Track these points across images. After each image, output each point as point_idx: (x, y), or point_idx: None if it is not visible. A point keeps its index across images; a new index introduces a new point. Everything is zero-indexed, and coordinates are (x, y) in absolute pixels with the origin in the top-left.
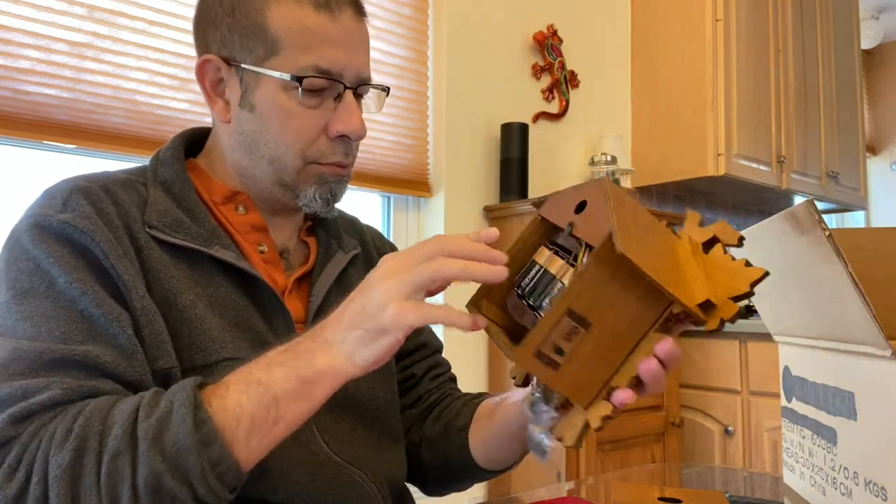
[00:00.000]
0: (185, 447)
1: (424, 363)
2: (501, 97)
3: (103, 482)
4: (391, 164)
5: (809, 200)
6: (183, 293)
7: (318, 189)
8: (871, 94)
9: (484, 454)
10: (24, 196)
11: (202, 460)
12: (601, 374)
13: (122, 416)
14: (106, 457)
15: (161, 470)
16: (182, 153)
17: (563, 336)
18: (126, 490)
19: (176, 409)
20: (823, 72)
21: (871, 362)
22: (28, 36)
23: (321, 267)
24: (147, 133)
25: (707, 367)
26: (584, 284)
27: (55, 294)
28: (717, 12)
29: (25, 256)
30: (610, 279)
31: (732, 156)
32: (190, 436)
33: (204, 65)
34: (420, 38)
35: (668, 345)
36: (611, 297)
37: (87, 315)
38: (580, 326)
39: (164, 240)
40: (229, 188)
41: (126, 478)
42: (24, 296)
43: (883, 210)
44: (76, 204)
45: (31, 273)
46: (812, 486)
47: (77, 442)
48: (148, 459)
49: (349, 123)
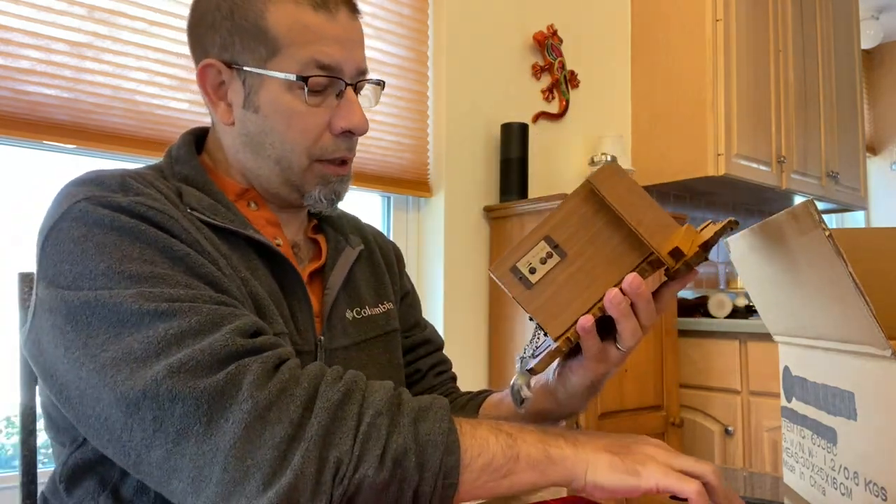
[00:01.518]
0: (435, 442)
1: (429, 359)
2: (501, 97)
3: (361, 431)
4: (391, 164)
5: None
6: (238, 269)
7: (323, 189)
8: (871, 94)
9: None
10: (24, 196)
11: (442, 461)
12: (574, 307)
13: (381, 386)
14: (369, 410)
15: (411, 447)
16: (194, 150)
17: (539, 260)
18: (377, 449)
19: (435, 409)
20: (823, 72)
21: (871, 362)
22: (28, 36)
23: (333, 262)
24: (147, 133)
25: (707, 367)
26: (563, 214)
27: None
28: (717, 12)
29: (104, 229)
30: (592, 217)
31: (732, 156)
32: (443, 434)
33: (205, 69)
34: (420, 38)
35: (634, 278)
36: (591, 234)
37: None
38: (556, 253)
39: (207, 221)
40: (239, 186)
41: (381, 437)
42: (122, 260)
43: (883, 210)
44: (136, 189)
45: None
46: (812, 486)
47: (346, 387)
48: (405, 432)
49: (352, 119)
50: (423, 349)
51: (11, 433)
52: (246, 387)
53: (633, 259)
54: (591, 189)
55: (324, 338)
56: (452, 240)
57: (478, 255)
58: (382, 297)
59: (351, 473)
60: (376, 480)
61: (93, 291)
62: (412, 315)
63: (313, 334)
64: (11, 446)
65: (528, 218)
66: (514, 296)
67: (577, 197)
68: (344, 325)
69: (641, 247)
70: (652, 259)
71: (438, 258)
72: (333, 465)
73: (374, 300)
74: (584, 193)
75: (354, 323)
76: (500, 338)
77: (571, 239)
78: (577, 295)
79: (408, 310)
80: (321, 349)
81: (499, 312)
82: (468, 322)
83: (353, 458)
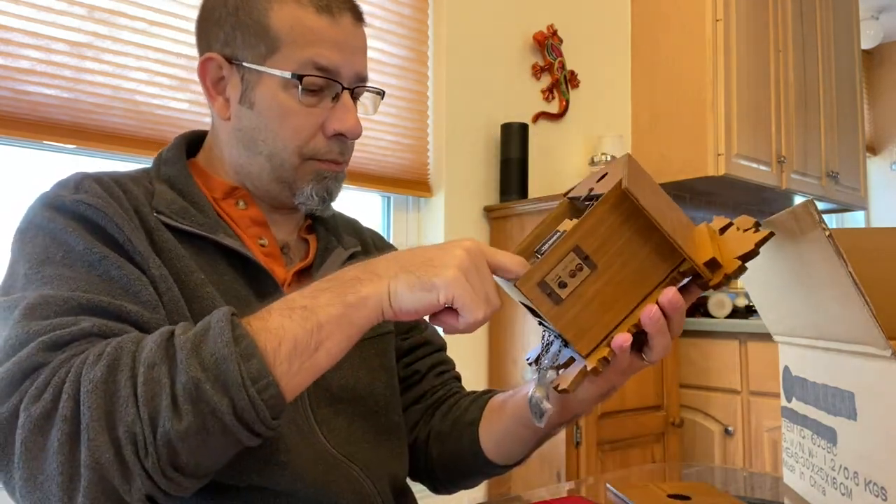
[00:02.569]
0: (224, 356)
1: (428, 360)
2: (501, 97)
3: (140, 393)
4: (391, 164)
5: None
6: (193, 272)
7: (315, 186)
8: (871, 94)
9: (495, 448)
10: (24, 196)
11: (241, 370)
12: (604, 321)
13: (154, 336)
14: (141, 368)
15: (200, 378)
16: (184, 153)
17: (569, 272)
18: (165, 398)
19: (213, 325)
20: (823, 72)
21: (871, 362)
22: (28, 36)
23: (320, 261)
24: (147, 133)
25: (707, 367)
26: (592, 223)
27: (73, 260)
28: (717, 12)
29: (40, 233)
30: (621, 225)
31: (732, 156)
32: (228, 346)
33: (206, 63)
34: (420, 38)
35: (671, 293)
36: (621, 244)
37: (106, 277)
38: (586, 266)
39: (171, 225)
40: (229, 184)
41: (164, 386)
42: (41, 264)
43: (883, 210)
44: (88, 187)
45: (46, 246)
46: (812, 486)
47: (109, 359)
48: (186, 367)
49: (346, 122)
50: (421, 350)
51: None
52: (22, 409)
53: (664, 269)
54: (624, 195)
55: None
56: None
57: None
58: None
59: (151, 438)
60: (182, 428)
61: (7, 300)
62: None
63: None
64: None
65: (528, 218)
66: (544, 313)
67: (607, 203)
68: None
69: (673, 256)
70: (685, 269)
71: None
72: (127, 439)
73: None
74: (614, 199)
75: None
76: (499, 339)
77: (601, 249)
78: (606, 309)
79: None
80: None
81: (498, 314)
82: None
83: (143, 422)
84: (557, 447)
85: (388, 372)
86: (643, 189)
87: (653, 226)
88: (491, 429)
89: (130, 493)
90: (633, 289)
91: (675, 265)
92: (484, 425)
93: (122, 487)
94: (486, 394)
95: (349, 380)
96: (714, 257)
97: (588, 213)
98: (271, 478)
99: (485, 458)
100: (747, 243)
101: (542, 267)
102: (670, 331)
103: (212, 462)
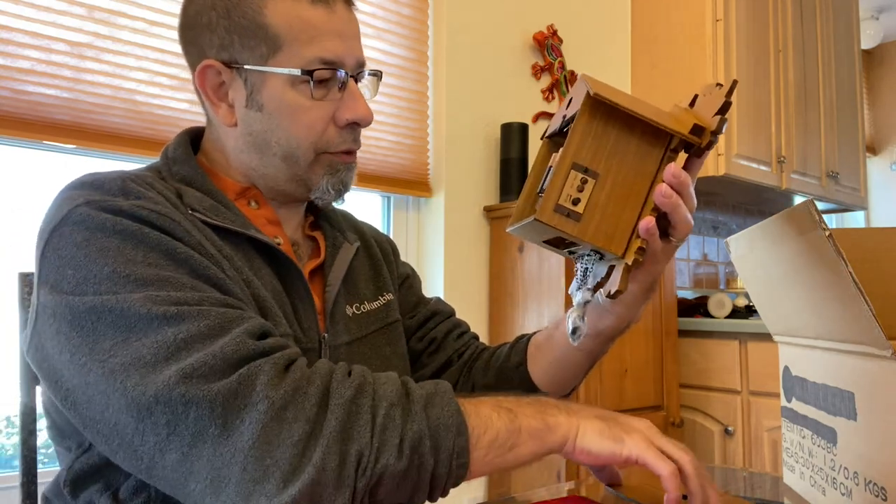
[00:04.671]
0: (446, 424)
1: (443, 326)
2: (501, 97)
3: (378, 423)
4: (391, 164)
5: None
6: (242, 269)
7: (330, 179)
8: (871, 94)
9: (550, 379)
10: (24, 196)
11: (454, 443)
12: (626, 218)
13: (388, 378)
14: (383, 402)
15: (425, 433)
16: (191, 150)
17: (577, 189)
18: (395, 437)
19: (440, 393)
20: (823, 72)
21: (871, 362)
22: (28, 36)
23: (332, 259)
24: (147, 133)
25: (707, 367)
26: (579, 137)
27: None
28: (717, 12)
29: (106, 233)
30: (605, 128)
31: (732, 156)
32: (452, 417)
33: (205, 70)
34: (420, 38)
35: (672, 167)
36: (612, 145)
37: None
38: (589, 177)
39: (208, 222)
40: (239, 184)
41: (398, 427)
42: (127, 263)
43: (883, 210)
44: (137, 192)
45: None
46: (812, 486)
47: (356, 383)
48: (418, 419)
49: (357, 110)
50: (432, 321)
51: (11, 433)
52: (260, 388)
53: (658, 152)
54: (595, 100)
55: (328, 334)
56: (452, 240)
57: (478, 255)
58: (381, 289)
59: (373, 464)
60: (397, 468)
61: (98, 296)
62: (413, 295)
63: (317, 331)
64: (11, 446)
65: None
66: (569, 233)
67: (585, 114)
68: (346, 321)
69: (661, 137)
70: (675, 145)
71: (438, 258)
72: (355, 458)
73: (373, 294)
74: (589, 108)
75: (354, 319)
76: (499, 338)
77: (596, 156)
78: (622, 207)
79: (407, 292)
80: (325, 346)
81: (499, 312)
82: (468, 322)
83: (373, 450)
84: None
85: (401, 359)
86: (611, 91)
87: (633, 117)
88: (541, 363)
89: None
90: (638, 180)
91: (666, 145)
92: (532, 363)
93: (328, 494)
94: (522, 338)
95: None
96: (696, 123)
97: (571, 130)
98: None
99: (541, 393)
100: (719, 100)
101: (552, 194)
102: (686, 204)
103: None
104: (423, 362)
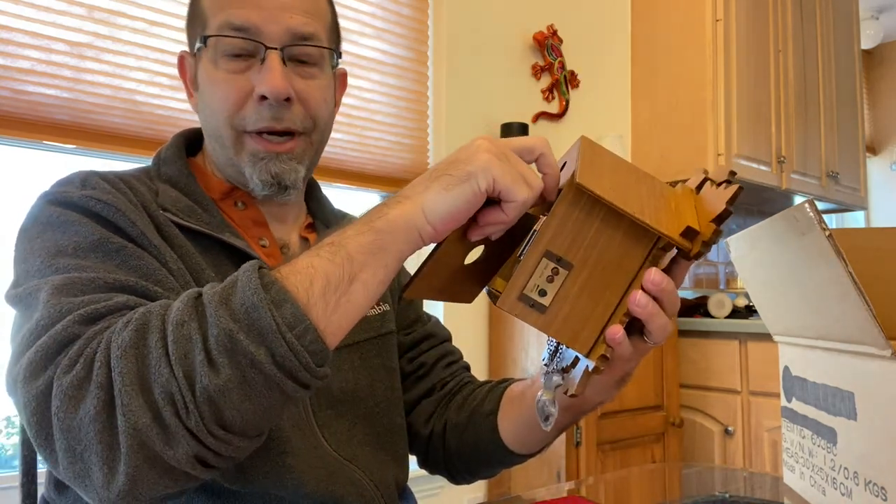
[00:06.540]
0: (254, 304)
1: (433, 352)
2: (501, 97)
3: (171, 352)
4: (391, 163)
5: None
6: (204, 270)
7: (254, 169)
8: (871, 94)
9: (514, 437)
10: (23, 196)
11: (274, 316)
12: (596, 316)
13: (182, 297)
14: (170, 327)
15: (232, 328)
16: (183, 151)
17: (546, 279)
18: (198, 354)
19: (241, 277)
20: (823, 72)
21: (871, 362)
22: (28, 36)
23: None
24: (147, 133)
25: (707, 367)
26: (556, 224)
27: (86, 252)
28: (717, 12)
29: (49, 228)
30: (586, 218)
31: (732, 156)
32: (257, 293)
33: (180, 63)
34: (420, 38)
35: (653, 274)
36: (591, 237)
37: (125, 266)
38: (561, 267)
39: (178, 222)
40: (227, 185)
41: (196, 342)
42: (54, 256)
43: (883, 210)
44: (95, 183)
45: (56, 240)
46: (812, 486)
47: (138, 323)
48: (216, 320)
49: (266, 82)
50: (426, 344)
51: (11, 433)
52: (56, 382)
53: (643, 249)
54: (578, 190)
55: None
56: None
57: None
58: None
59: (190, 395)
60: (221, 381)
61: (26, 287)
62: (412, 311)
63: None
64: (11, 446)
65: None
66: (532, 324)
67: (565, 201)
68: None
69: (647, 234)
70: (663, 245)
71: None
72: (165, 401)
73: None
74: (571, 196)
75: None
76: (499, 338)
77: (572, 247)
78: (595, 303)
79: (407, 307)
80: None
81: (499, 313)
82: (468, 322)
83: (179, 381)
84: (557, 447)
85: (389, 372)
86: (600, 174)
87: (618, 211)
88: (510, 419)
89: (176, 458)
90: (616, 276)
91: (653, 242)
92: (502, 416)
93: (165, 452)
94: (502, 383)
95: (350, 382)
96: (689, 226)
97: (550, 214)
98: (275, 481)
99: (505, 447)
100: (719, 203)
101: (518, 281)
102: (665, 311)
103: (260, 418)
104: (407, 386)
